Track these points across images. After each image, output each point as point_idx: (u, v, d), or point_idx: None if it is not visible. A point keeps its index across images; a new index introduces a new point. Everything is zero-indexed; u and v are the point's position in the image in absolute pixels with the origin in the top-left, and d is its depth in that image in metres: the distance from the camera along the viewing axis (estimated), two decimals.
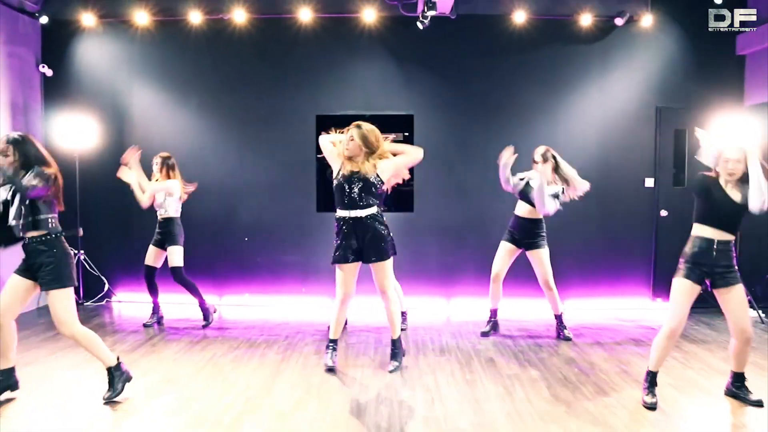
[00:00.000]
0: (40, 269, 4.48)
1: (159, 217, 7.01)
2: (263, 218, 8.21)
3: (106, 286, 8.28)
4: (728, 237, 4.62)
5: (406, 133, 8.19)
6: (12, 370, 4.76)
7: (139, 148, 6.91)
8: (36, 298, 7.31)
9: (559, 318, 6.72)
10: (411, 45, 8.09)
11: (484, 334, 6.70)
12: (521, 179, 6.55)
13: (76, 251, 8.01)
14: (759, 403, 4.69)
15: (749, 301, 7.26)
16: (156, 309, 7.20)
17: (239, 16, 7.95)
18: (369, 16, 7.93)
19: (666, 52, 8.15)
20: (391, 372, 5.38)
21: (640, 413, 4.53)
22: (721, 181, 4.63)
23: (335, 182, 5.35)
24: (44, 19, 8.01)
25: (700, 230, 4.66)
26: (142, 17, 8.00)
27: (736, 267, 4.69)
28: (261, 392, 4.94)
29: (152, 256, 7.04)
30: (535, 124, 8.13)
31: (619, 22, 7.94)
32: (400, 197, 8.06)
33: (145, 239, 7.24)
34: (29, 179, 4.42)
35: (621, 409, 4.62)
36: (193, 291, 7.01)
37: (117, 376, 4.71)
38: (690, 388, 5.10)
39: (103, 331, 6.68)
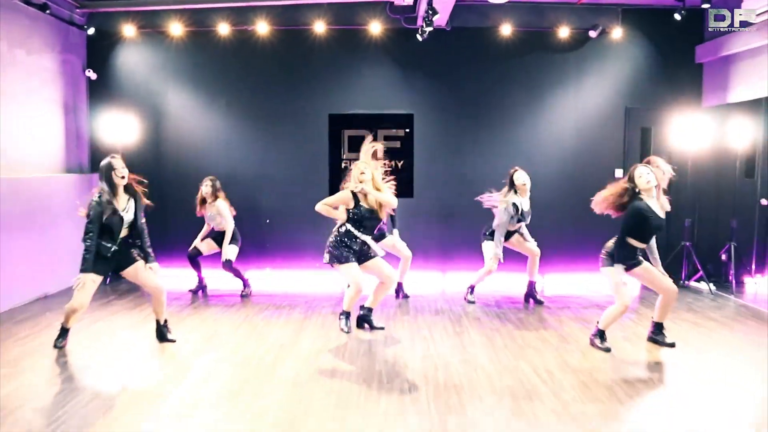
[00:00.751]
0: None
1: (215, 228, 8.16)
2: (283, 203, 9.32)
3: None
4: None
5: (407, 129, 9.34)
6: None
7: None
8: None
9: (532, 285, 7.89)
10: (411, 53, 9.19)
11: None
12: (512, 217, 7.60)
13: None
14: (672, 345, 5.99)
15: (701, 276, 8.50)
16: (201, 281, 8.36)
17: (262, 28, 9.06)
18: (375, 28, 9.06)
19: (634, 60, 9.27)
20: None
21: (590, 354, 5.74)
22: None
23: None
24: (91, 31, 9.11)
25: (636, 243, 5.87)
26: (176, 28, 9.11)
27: None
28: (290, 342, 6.13)
29: (205, 246, 8.19)
30: (519, 123, 9.28)
31: (592, 34, 9.06)
32: (402, 185, 9.18)
33: (177, 222, 8.40)
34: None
35: (577, 352, 5.82)
36: (238, 275, 8.20)
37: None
38: (637, 339, 6.29)
39: (141, 300, 7.81)
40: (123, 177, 5.82)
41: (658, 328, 6.13)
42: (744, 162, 8.69)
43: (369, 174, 6.22)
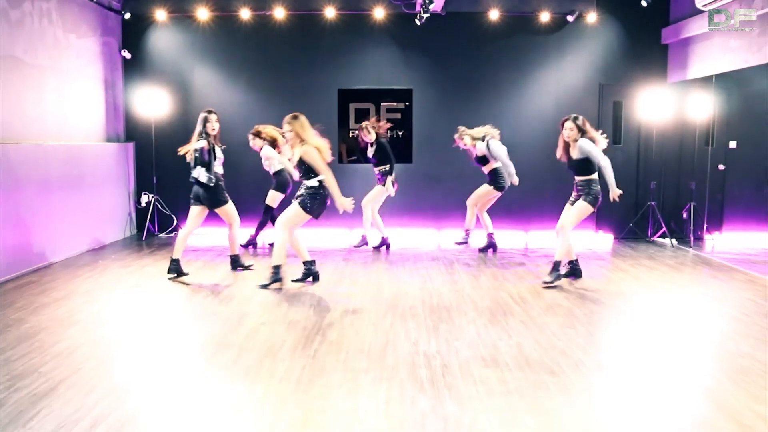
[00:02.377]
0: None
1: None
2: None
3: (175, 222, 10.60)
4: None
5: (407, 103, 10.53)
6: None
7: None
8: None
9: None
10: (411, 35, 10.36)
11: None
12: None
13: (151, 195, 10.36)
14: (546, 283, 7.11)
15: (665, 232, 9.72)
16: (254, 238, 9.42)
17: (279, 13, 10.20)
18: (379, 13, 10.21)
19: (607, 42, 10.43)
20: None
21: (559, 287, 7.03)
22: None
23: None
24: (127, 15, 10.26)
25: None
26: (203, 13, 10.24)
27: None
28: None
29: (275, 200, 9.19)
30: (506, 97, 10.49)
31: (570, 18, 10.20)
32: (402, 151, 10.40)
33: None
34: None
35: (549, 287, 7.12)
36: (259, 227, 9.29)
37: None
38: (601, 279, 7.58)
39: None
40: (213, 129, 7.34)
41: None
42: (702, 131, 9.91)
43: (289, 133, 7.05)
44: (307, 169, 6.81)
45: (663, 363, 4.80)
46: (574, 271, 7.45)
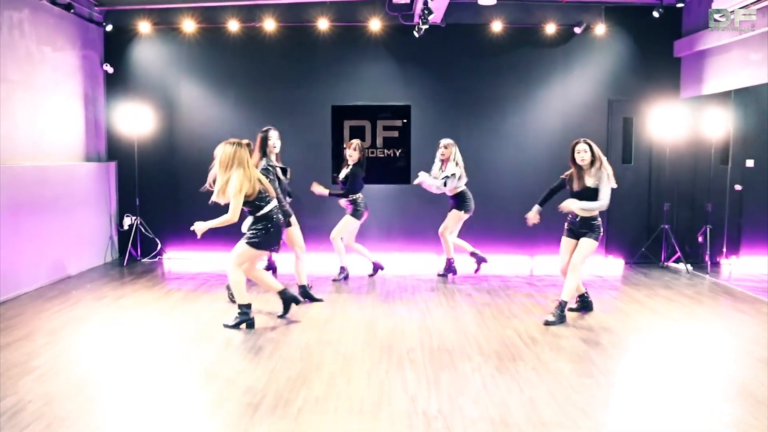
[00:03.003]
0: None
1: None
2: (290, 189, 9.90)
3: (159, 246, 10.00)
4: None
5: (405, 120, 9.96)
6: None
7: None
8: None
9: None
10: (409, 48, 9.77)
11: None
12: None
13: (134, 217, 9.77)
14: (546, 322, 6.44)
15: (679, 257, 9.14)
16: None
17: (269, 25, 9.63)
18: (375, 25, 9.64)
19: (616, 55, 9.86)
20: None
21: (571, 323, 6.41)
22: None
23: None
24: (109, 27, 9.69)
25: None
26: (189, 25, 9.68)
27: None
28: (302, 312, 6.77)
29: None
30: (510, 114, 9.90)
31: (577, 30, 9.66)
32: (399, 172, 9.82)
33: (190, 209, 8.91)
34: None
35: (560, 323, 6.49)
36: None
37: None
38: (615, 311, 6.96)
39: (158, 280, 8.44)
40: (275, 147, 7.08)
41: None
42: (718, 150, 9.33)
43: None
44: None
45: (693, 421, 4.17)
46: (585, 304, 6.92)
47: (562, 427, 4.04)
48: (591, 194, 6.43)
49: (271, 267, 8.70)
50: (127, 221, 9.80)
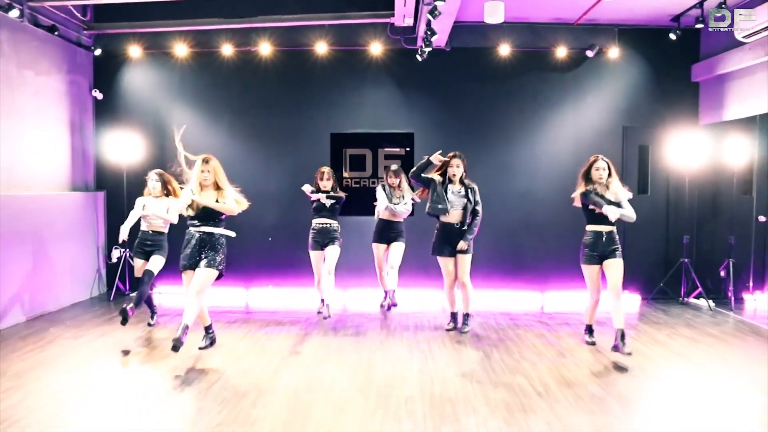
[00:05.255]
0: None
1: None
2: (285, 220, 9.41)
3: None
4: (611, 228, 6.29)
5: (408, 149, 9.47)
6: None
7: None
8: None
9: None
10: (411, 73, 9.33)
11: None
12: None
13: (123, 249, 9.27)
14: (629, 353, 6.01)
15: (701, 293, 8.56)
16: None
17: (264, 49, 9.23)
18: (376, 49, 9.21)
19: (631, 79, 9.38)
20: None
21: (587, 368, 5.81)
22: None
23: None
24: (98, 51, 9.29)
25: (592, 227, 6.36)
26: (181, 49, 9.28)
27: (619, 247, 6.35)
28: (292, 354, 6.24)
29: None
30: (519, 141, 9.41)
31: (590, 54, 9.19)
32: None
33: (181, 241, 8.44)
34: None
35: (574, 365, 5.90)
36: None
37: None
38: (636, 354, 6.36)
39: (144, 316, 7.83)
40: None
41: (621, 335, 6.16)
42: (741, 179, 8.77)
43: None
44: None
45: None
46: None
47: None
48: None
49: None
50: (115, 254, 9.26)
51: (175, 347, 5.65)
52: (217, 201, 6.07)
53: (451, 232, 7.05)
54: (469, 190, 7.07)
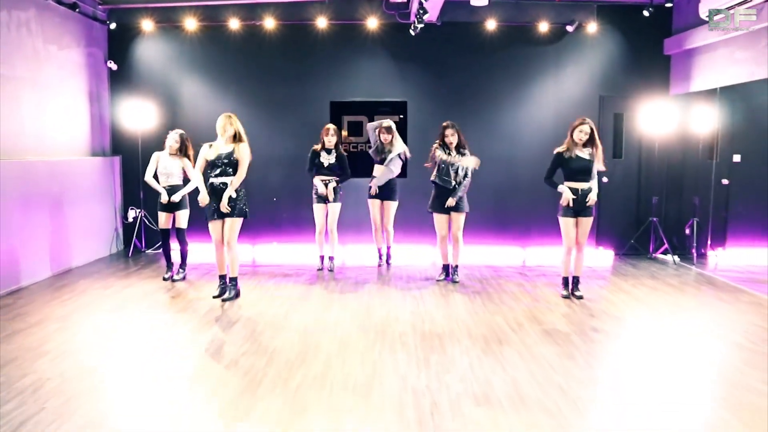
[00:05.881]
0: None
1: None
2: (288, 182, 10.21)
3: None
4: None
5: (401, 116, 10.23)
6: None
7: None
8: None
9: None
10: (405, 46, 10.05)
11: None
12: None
13: (138, 210, 10.06)
14: (581, 297, 7.17)
15: (667, 249, 9.42)
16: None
17: (269, 23, 9.92)
18: (372, 23, 9.92)
19: (608, 52, 10.13)
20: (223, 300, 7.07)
21: (557, 310, 6.71)
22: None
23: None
24: (113, 25, 9.97)
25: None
26: (191, 23, 9.96)
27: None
28: (300, 300, 7.10)
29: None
30: (504, 110, 10.19)
31: (569, 28, 9.92)
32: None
33: (191, 201, 9.13)
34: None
35: (546, 309, 6.79)
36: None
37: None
38: (600, 300, 7.25)
39: (162, 270, 8.64)
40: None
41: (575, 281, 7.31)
42: (705, 145, 9.59)
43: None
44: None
45: (666, 400, 4.47)
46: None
47: (540, 403, 4.34)
48: (587, 166, 7.06)
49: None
50: (131, 214, 10.08)
51: (228, 299, 6.92)
52: (233, 152, 6.96)
53: (446, 193, 7.87)
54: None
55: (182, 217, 8.09)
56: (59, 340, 5.68)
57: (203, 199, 6.91)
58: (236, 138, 7.00)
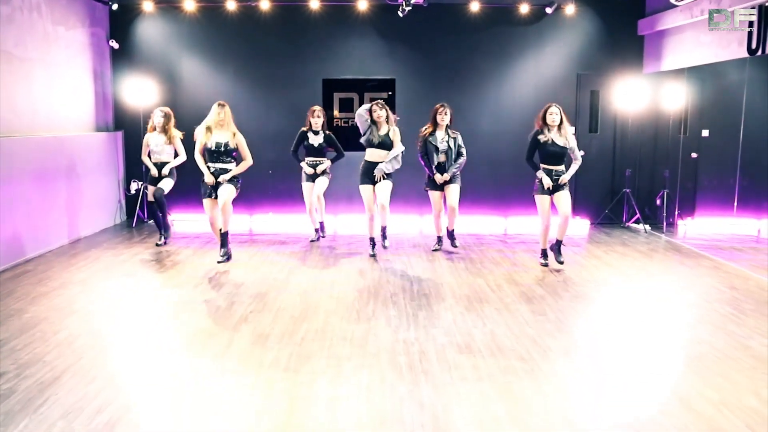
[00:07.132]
0: None
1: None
2: (283, 156, 10.65)
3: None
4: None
5: (390, 92, 10.79)
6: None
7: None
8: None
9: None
10: (393, 26, 10.56)
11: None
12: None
13: (140, 182, 10.60)
14: (561, 262, 7.72)
15: (639, 219, 10.08)
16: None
17: (264, 4, 10.37)
18: (362, 4, 10.40)
19: (585, 33, 10.70)
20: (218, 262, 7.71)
21: (533, 274, 7.39)
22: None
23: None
24: (115, 6, 10.41)
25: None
26: (189, 4, 10.39)
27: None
28: (298, 265, 7.74)
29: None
30: (486, 87, 10.77)
31: (549, 10, 10.44)
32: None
33: (191, 174, 9.69)
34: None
35: (524, 273, 7.46)
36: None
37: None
38: (575, 266, 7.93)
39: (170, 238, 9.32)
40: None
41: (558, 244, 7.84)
42: (675, 121, 10.25)
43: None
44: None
45: (625, 350, 5.17)
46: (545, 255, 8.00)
47: (514, 351, 5.02)
48: (565, 152, 7.59)
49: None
50: (134, 186, 10.57)
51: (228, 258, 7.56)
52: (229, 142, 7.57)
53: (438, 171, 8.42)
54: (452, 139, 8.42)
55: (166, 184, 8.87)
56: (84, 301, 6.29)
57: (210, 180, 7.51)
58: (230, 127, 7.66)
